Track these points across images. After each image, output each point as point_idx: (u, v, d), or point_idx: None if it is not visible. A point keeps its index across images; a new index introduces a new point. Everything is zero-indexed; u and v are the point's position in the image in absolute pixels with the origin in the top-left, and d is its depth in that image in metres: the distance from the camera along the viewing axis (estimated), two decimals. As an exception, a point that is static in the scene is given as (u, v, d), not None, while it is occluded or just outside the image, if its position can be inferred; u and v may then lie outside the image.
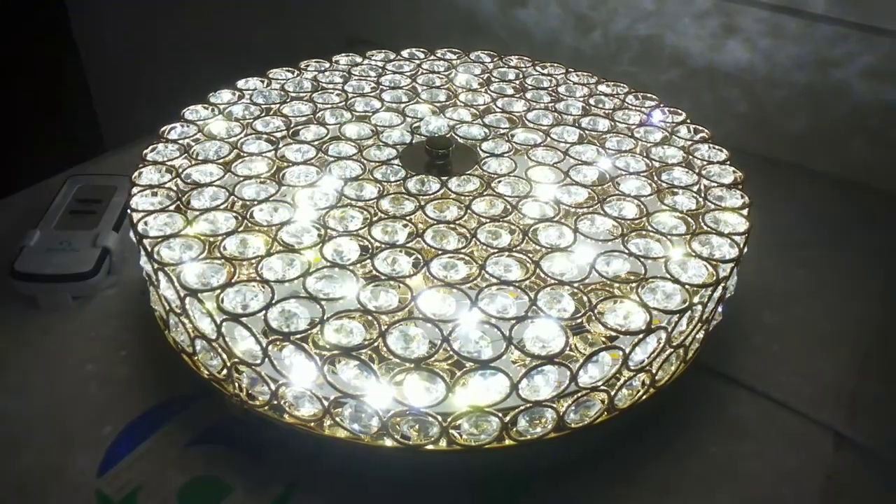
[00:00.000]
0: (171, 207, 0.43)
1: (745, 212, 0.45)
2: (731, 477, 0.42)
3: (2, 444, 0.42)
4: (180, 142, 0.50)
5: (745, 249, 0.43)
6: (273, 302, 0.36)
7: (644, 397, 0.40)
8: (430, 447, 0.36)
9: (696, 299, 0.38)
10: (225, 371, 0.39)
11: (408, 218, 0.43)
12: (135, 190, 0.45)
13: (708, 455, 0.43)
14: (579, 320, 0.37)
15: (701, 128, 0.54)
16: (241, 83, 0.58)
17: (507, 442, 0.37)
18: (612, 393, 0.38)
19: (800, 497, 0.41)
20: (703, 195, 0.47)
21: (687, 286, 0.39)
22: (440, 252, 0.40)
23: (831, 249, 0.61)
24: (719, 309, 0.44)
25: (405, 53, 0.65)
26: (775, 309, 0.54)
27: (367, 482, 0.40)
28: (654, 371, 0.39)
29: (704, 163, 0.50)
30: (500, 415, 0.36)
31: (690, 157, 0.51)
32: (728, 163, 0.50)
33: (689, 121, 0.55)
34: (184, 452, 0.42)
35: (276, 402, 0.37)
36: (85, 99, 1.31)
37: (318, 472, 0.41)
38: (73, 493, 0.39)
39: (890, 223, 0.65)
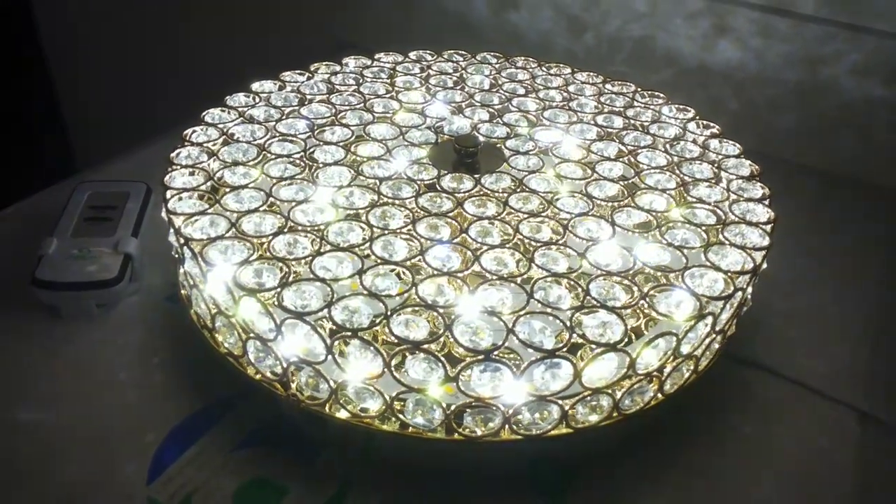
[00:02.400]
0: (211, 210, 0.43)
1: (767, 202, 0.47)
2: (769, 458, 0.43)
3: (43, 457, 0.41)
4: (206, 145, 0.49)
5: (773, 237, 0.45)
6: (335, 300, 0.36)
7: (687, 383, 0.41)
8: (488, 438, 0.37)
9: (736, 285, 0.40)
10: (280, 370, 0.38)
11: (449, 215, 0.44)
12: (169, 193, 0.44)
13: (743, 437, 0.45)
14: (629, 309, 0.38)
15: (711, 123, 0.56)
16: (255, 86, 0.57)
17: (563, 430, 0.38)
18: (663, 379, 0.39)
19: (834, 473, 0.43)
20: (726, 187, 0.48)
21: (729, 273, 0.40)
22: (488, 247, 0.41)
23: (827, 240, 0.64)
24: (749, 295, 0.45)
25: (413, 55, 0.65)
26: (785, 296, 0.56)
27: (423, 476, 0.41)
28: (699, 356, 0.40)
29: (721, 156, 0.52)
30: (561, 402, 0.37)
31: (706, 151, 0.53)
32: (742, 156, 0.52)
33: (698, 117, 0.57)
34: (233, 456, 0.41)
35: (334, 400, 0.37)
36: (52, 109, 1.28)
37: (374, 468, 0.41)
38: (126, 503, 0.39)
39: (878, 214, 0.68)
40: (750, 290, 0.43)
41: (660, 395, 0.40)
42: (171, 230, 0.43)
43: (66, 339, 0.48)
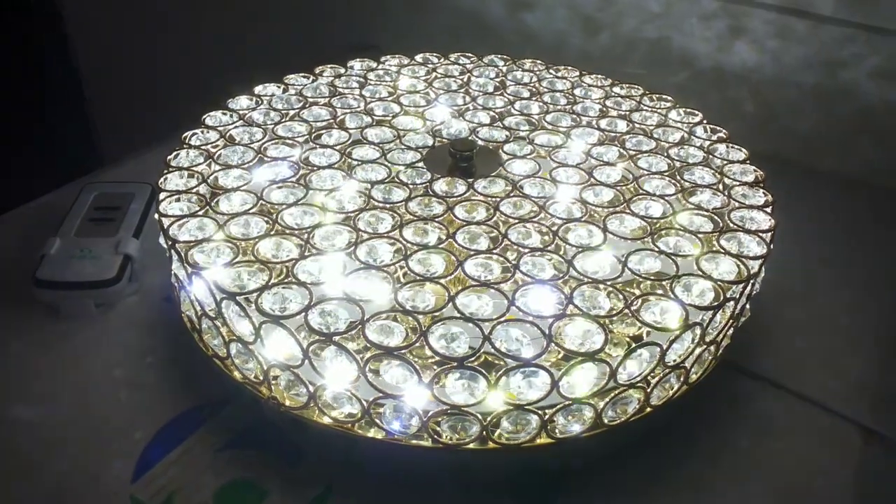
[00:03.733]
0: (201, 213, 0.43)
1: (769, 209, 0.46)
2: (765, 472, 0.42)
3: (34, 452, 0.41)
4: (203, 147, 0.50)
5: (772, 246, 0.43)
6: (313, 304, 0.36)
7: (678, 395, 0.40)
8: (469, 447, 0.37)
9: (727, 295, 0.39)
10: (261, 374, 0.39)
11: (438, 220, 0.43)
12: (162, 195, 0.45)
13: (739, 451, 0.43)
14: (615, 317, 0.37)
15: (718, 127, 0.55)
16: (258, 88, 0.58)
17: (545, 440, 0.37)
18: (649, 390, 0.38)
19: (834, 490, 0.41)
20: (727, 193, 0.47)
21: (720, 282, 0.39)
22: (473, 252, 0.41)
23: (845, 247, 0.62)
24: (747, 305, 0.44)
25: (419, 58, 0.65)
26: (796, 306, 0.54)
27: (404, 483, 0.40)
28: (689, 368, 0.39)
29: (725, 162, 0.51)
30: (540, 412, 0.36)
31: (710, 156, 0.51)
32: (748, 161, 0.51)
33: (705, 121, 0.56)
34: (217, 457, 0.41)
35: (313, 404, 0.37)
36: (78, 105, 1.30)
37: (355, 473, 0.41)
38: (109, 499, 0.39)
39: (896, 221, 0.65)
40: (745, 300, 0.42)
41: (648, 407, 0.39)
42: (161, 232, 0.43)
43: (64, 338, 0.49)
